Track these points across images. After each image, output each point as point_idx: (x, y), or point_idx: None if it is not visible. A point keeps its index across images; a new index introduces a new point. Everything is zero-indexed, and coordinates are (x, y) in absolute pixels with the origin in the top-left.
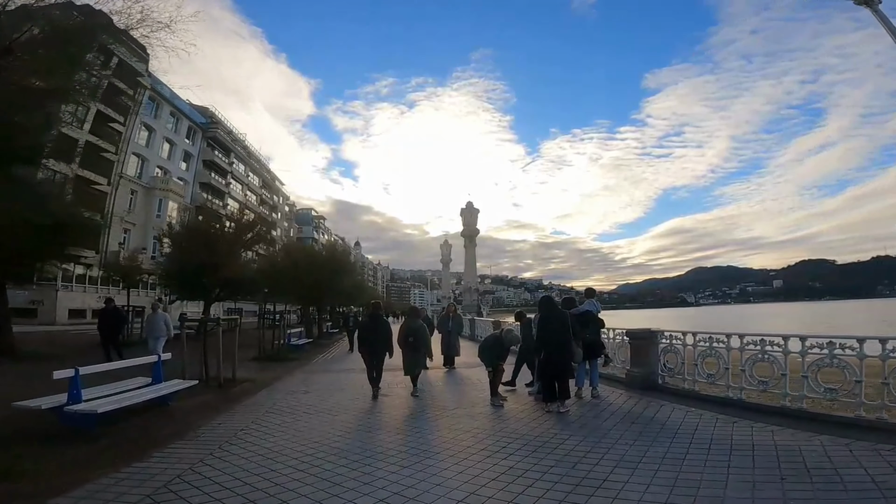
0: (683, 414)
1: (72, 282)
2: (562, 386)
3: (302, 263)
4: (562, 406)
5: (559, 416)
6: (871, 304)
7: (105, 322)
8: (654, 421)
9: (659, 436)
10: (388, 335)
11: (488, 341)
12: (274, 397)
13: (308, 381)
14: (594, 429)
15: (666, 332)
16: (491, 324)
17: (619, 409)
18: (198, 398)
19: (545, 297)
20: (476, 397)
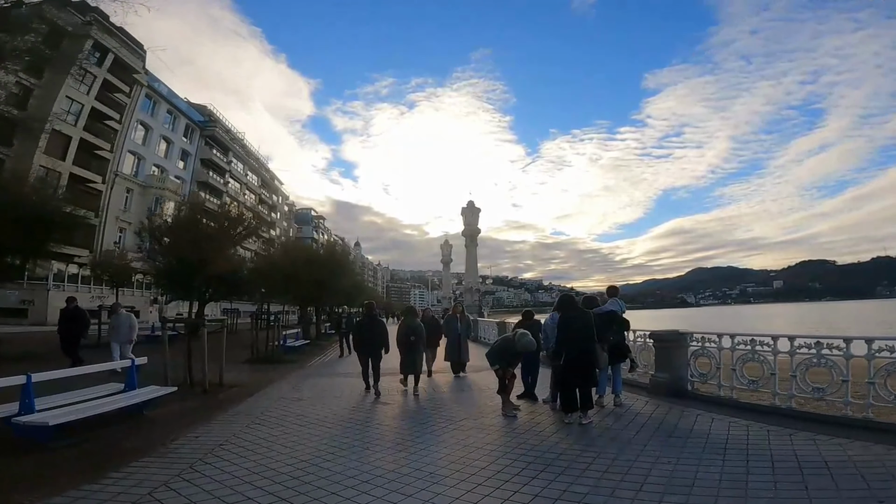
0: (725, 425)
1: (64, 281)
2: (584, 394)
3: (300, 262)
4: (584, 417)
5: (581, 428)
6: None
7: (66, 324)
8: (693, 433)
9: (706, 451)
10: (384, 335)
11: (498, 345)
12: (262, 404)
13: (301, 385)
14: (626, 443)
15: (696, 333)
16: (495, 324)
17: (649, 419)
18: (179, 405)
19: (566, 295)
20: (485, 406)
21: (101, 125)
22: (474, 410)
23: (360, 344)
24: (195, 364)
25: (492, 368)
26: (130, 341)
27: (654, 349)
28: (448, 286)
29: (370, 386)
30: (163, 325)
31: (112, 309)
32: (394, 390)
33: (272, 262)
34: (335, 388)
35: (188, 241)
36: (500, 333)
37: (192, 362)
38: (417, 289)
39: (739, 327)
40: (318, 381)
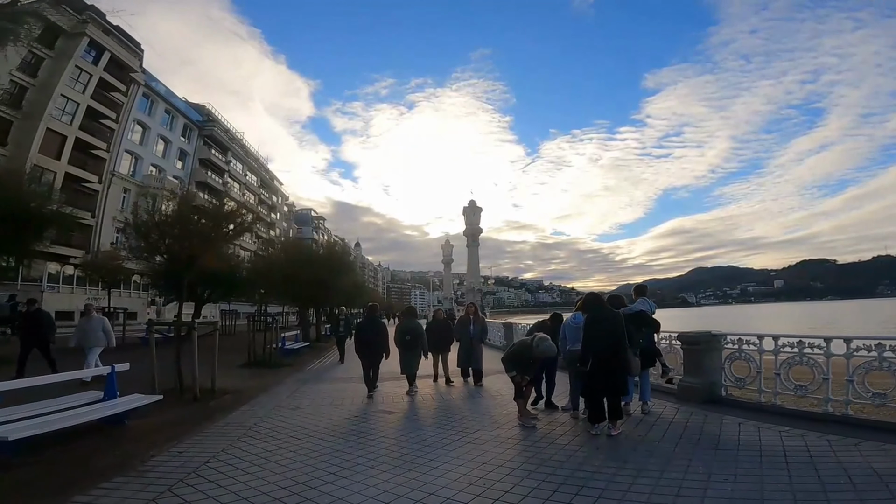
0: (775, 434)
1: (59, 283)
2: (613, 403)
3: (299, 262)
4: (612, 428)
5: (610, 440)
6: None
7: (28, 328)
8: (743, 444)
9: (764, 465)
10: (385, 337)
11: (514, 349)
12: (256, 414)
13: (299, 392)
14: (666, 457)
15: (732, 335)
16: (501, 326)
17: (685, 428)
18: (165, 415)
19: (592, 294)
20: (499, 415)
21: (97, 124)
22: (488, 420)
23: (360, 346)
24: (185, 369)
25: (507, 374)
26: (103, 347)
27: (681, 352)
28: (449, 286)
29: (371, 389)
30: (149, 328)
31: (84, 311)
32: (397, 396)
33: (271, 261)
34: (336, 395)
35: (176, 238)
36: (506, 336)
37: (182, 367)
38: (418, 289)
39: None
40: (317, 387)
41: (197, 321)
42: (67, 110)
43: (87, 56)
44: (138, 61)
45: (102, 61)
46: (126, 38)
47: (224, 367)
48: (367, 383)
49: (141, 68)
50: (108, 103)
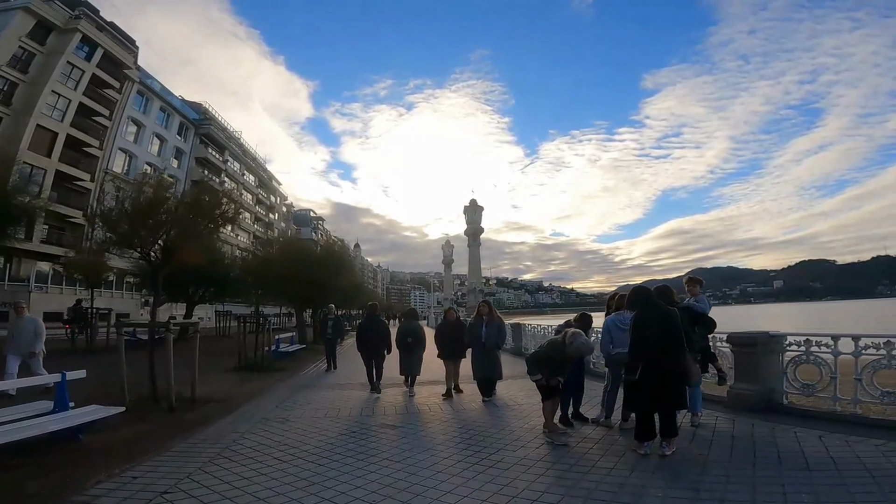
0: (873, 449)
1: (47, 282)
2: (668, 418)
3: (296, 261)
4: (667, 446)
5: (665, 461)
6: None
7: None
8: (841, 464)
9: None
10: (386, 334)
11: (543, 350)
12: (239, 428)
13: (291, 401)
14: (749, 483)
15: (794, 335)
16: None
17: (754, 443)
18: (132, 428)
19: (641, 288)
20: (521, 430)
21: (89, 121)
22: (509, 437)
23: (361, 345)
24: (163, 375)
25: (532, 379)
26: (35, 353)
27: (731, 355)
28: (450, 287)
29: (374, 387)
30: (118, 331)
31: (14, 309)
32: (403, 408)
33: (266, 260)
34: (332, 405)
35: (149, 228)
36: (513, 337)
37: (156, 374)
38: (417, 290)
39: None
40: (311, 396)
41: (173, 322)
42: (59, 107)
43: (79, 52)
44: (133, 58)
45: (95, 57)
46: (120, 34)
47: (213, 372)
48: (370, 381)
49: (135, 65)
50: (102, 100)
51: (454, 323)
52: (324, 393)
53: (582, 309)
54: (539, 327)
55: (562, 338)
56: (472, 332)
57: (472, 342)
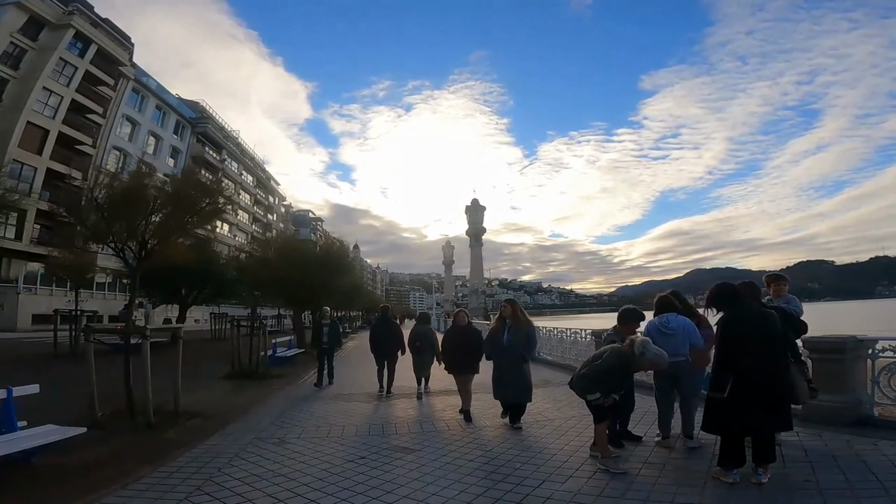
0: None
1: (36, 284)
2: (764, 441)
3: (295, 261)
4: (764, 474)
5: (761, 492)
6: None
7: None
8: None
9: None
10: (399, 336)
11: (604, 363)
12: (226, 451)
13: (288, 415)
14: None
15: (886, 340)
16: None
17: (870, 464)
18: (98, 450)
19: (726, 284)
20: (562, 452)
21: (82, 119)
22: (551, 464)
23: (375, 346)
24: (137, 388)
25: (586, 399)
26: None
27: (809, 362)
28: (450, 288)
29: (384, 388)
30: (86, 337)
31: None
32: (418, 425)
33: (263, 260)
34: (336, 421)
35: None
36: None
37: (133, 386)
38: (417, 292)
39: None
40: (311, 409)
41: (150, 327)
42: (50, 104)
43: (72, 48)
44: (128, 55)
45: (89, 54)
46: (115, 30)
47: (203, 379)
48: (380, 381)
49: (131, 62)
50: (95, 97)
51: (464, 328)
52: (325, 406)
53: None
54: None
55: (628, 346)
56: (493, 341)
57: (492, 354)
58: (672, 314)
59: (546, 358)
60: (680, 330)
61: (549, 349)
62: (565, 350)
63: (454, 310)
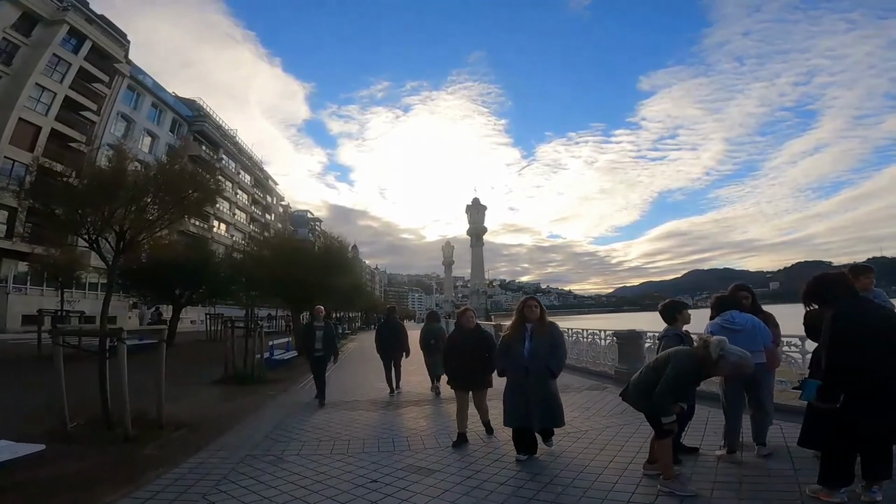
0: None
1: (26, 284)
2: (882, 456)
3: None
4: (878, 491)
5: None
6: None
7: None
8: None
9: None
10: (405, 336)
11: (677, 373)
12: (212, 472)
13: (285, 426)
14: None
15: None
16: None
17: None
18: (65, 468)
19: (828, 274)
20: (609, 473)
21: (76, 116)
22: (601, 486)
23: (381, 346)
24: (114, 396)
25: (662, 416)
26: None
27: None
28: (450, 289)
29: (393, 389)
30: (53, 340)
31: None
32: (434, 437)
33: (261, 258)
34: (338, 433)
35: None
36: None
37: (109, 394)
38: (415, 293)
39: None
40: (310, 419)
41: (126, 330)
42: (43, 100)
43: (66, 45)
44: (123, 52)
45: (83, 50)
46: (110, 27)
47: (193, 384)
48: (388, 383)
49: (126, 59)
50: (89, 94)
51: (470, 333)
52: (327, 415)
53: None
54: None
55: (702, 348)
56: (509, 351)
57: (508, 367)
58: (735, 311)
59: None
60: (749, 327)
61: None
62: (581, 352)
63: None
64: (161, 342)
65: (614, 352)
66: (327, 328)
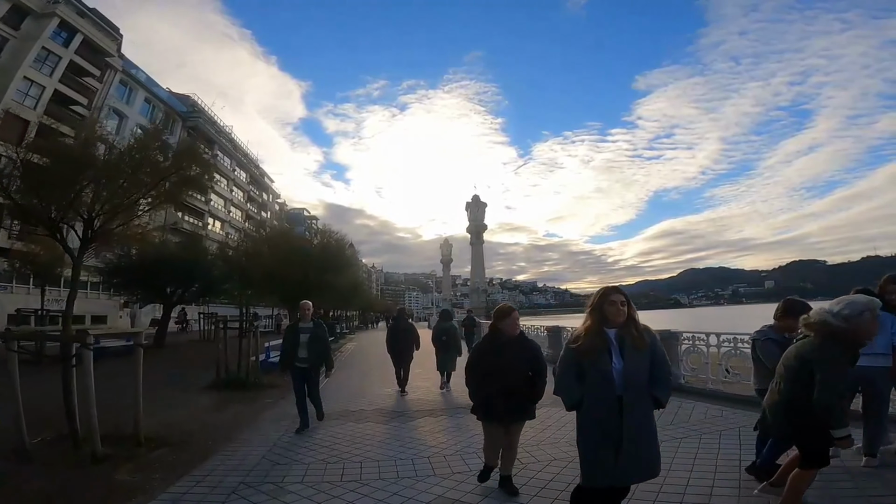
0: None
1: (11, 282)
2: None
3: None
4: None
5: None
6: None
7: None
8: None
9: None
10: (415, 335)
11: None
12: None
13: (285, 444)
14: None
15: None
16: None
17: None
18: (11, 497)
19: None
20: (697, 493)
21: (65, 111)
22: None
23: (392, 345)
24: (83, 409)
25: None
26: None
27: None
28: (448, 287)
29: (402, 389)
30: (6, 344)
31: None
32: (459, 458)
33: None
34: (349, 453)
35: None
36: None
37: (77, 407)
38: (412, 291)
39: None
40: (315, 435)
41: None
42: (31, 94)
43: (56, 38)
44: (116, 46)
45: (74, 43)
46: (102, 20)
47: (181, 390)
48: (398, 382)
49: (119, 53)
50: (80, 88)
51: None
52: (331, 429)
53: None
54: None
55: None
56: (587, 371)
57: (589, 397)
58: None
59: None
60: (887, 324)
61: None
62: None
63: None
64: (138, 346)
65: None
66: (317, 331)
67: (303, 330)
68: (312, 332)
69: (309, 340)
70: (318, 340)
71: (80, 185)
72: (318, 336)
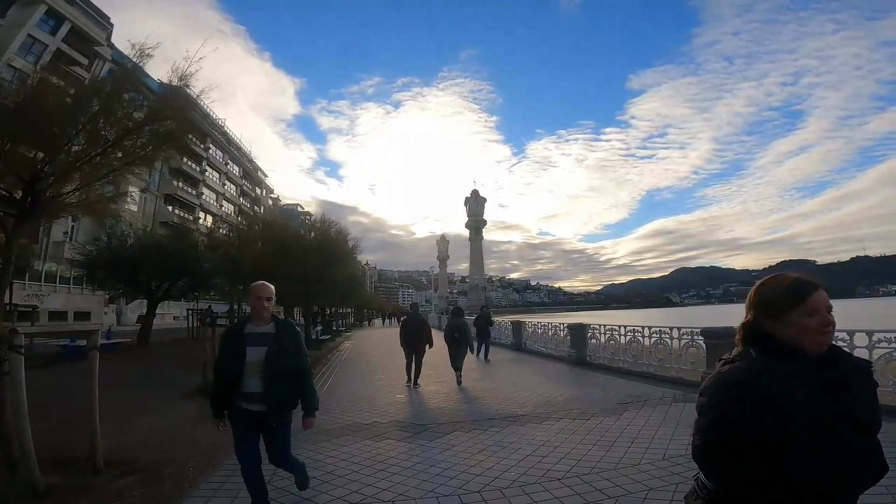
0: None
1: None
2: None
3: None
4: None
5: None
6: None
7: None
8: None
9: None
10: (428, 330)
11: None
12: None
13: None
14: None
15: None
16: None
17: None
18: None
19: None
20: None
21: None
22: None
23: (406, 339)
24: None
25: None
26: None
27: None
28: (444, 284)
29: (411, 379)
30: None
31: None
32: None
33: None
34: (372, 486)
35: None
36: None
37: (9, 426)
38: (407, 289)
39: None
40: (322, 458)
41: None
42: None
43: (43, 26)
44: (105, 34)
45: (61, 31)
46: (92, 8)
47: (159, 397)
48: (408, 373)
49: (108, 42)
50: (66, 78)
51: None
52: (342, 448)
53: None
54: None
55: None
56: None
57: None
58: None
59: (621, 365)
60: None
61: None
62: (638, 354)
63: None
64: (93, 349)
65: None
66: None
67: (253, 339)
68: (272, 342)
69: (266, 359)
70: (283, 356)
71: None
72: (283, 350)
